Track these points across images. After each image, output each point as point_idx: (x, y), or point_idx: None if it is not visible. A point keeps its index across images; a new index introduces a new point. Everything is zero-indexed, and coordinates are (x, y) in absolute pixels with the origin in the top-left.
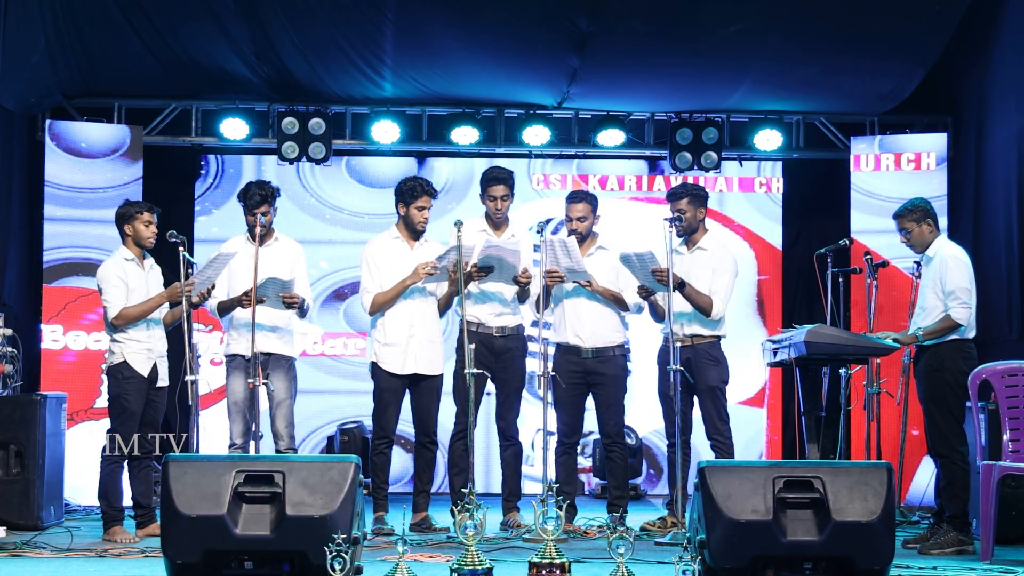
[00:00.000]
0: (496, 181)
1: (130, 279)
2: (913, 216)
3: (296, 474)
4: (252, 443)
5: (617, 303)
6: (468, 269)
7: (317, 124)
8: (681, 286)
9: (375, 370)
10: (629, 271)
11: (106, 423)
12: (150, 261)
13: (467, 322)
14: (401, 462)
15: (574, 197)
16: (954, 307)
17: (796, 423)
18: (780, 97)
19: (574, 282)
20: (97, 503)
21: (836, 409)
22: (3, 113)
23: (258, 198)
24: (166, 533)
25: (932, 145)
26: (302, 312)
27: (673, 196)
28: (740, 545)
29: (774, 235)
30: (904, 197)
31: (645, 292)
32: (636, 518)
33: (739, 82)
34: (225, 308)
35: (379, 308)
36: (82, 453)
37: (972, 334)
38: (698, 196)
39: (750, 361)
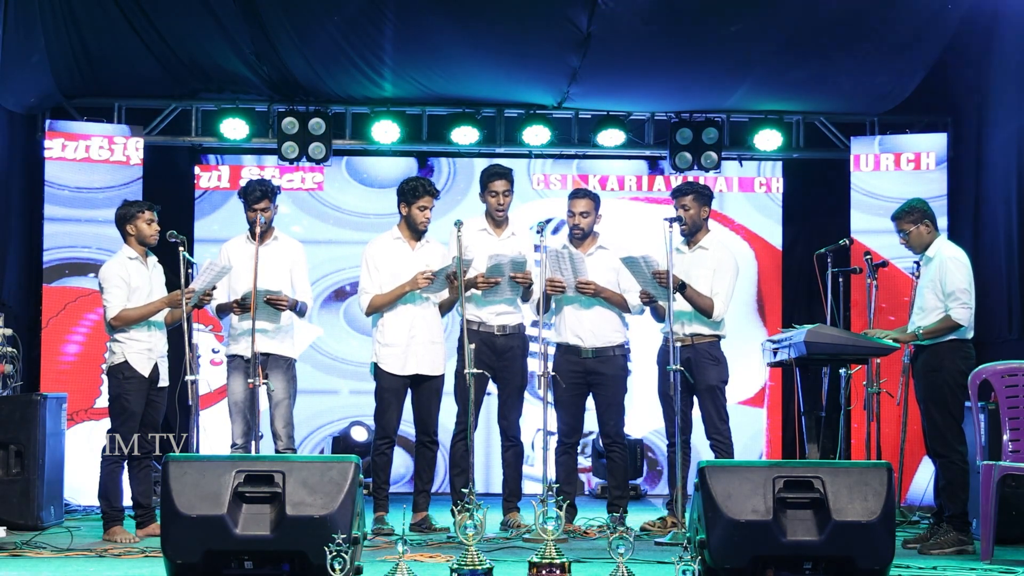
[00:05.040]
0: (497, 176)
1: (133, 278)
2: (911, 217)
3: (296, 474)
4: (253, 443)
5: (620, 306)
6: (475, 278)
7: (317, 124)
8: (682, 288)
9: (376, 370)
10: (631, 274)
11: (106, 423)
12: (153, 259)
13: (468, 321)
14: (401, 462)
15: (577, 193)
16: (954, 308)
17: (796, 423)
18: (780, 97)
19: (580, 291)
20: (97, 503)
21: (836, 409)
22: (3, 113)
23: (258, 193)
24: (166, 533)
25: (932, 145)
26: (299, 312)
27: (678, 193)
28: (740, 545)
29: (774, 235)
30: (904, 197)
31: (647, 298)
32: (636, 518)
33: (739, 82)
34: (222, 310)
35: (376, 310)
36: (82, 453)
37: (971, 334)
38: (702, 195)
39: (750, 361)
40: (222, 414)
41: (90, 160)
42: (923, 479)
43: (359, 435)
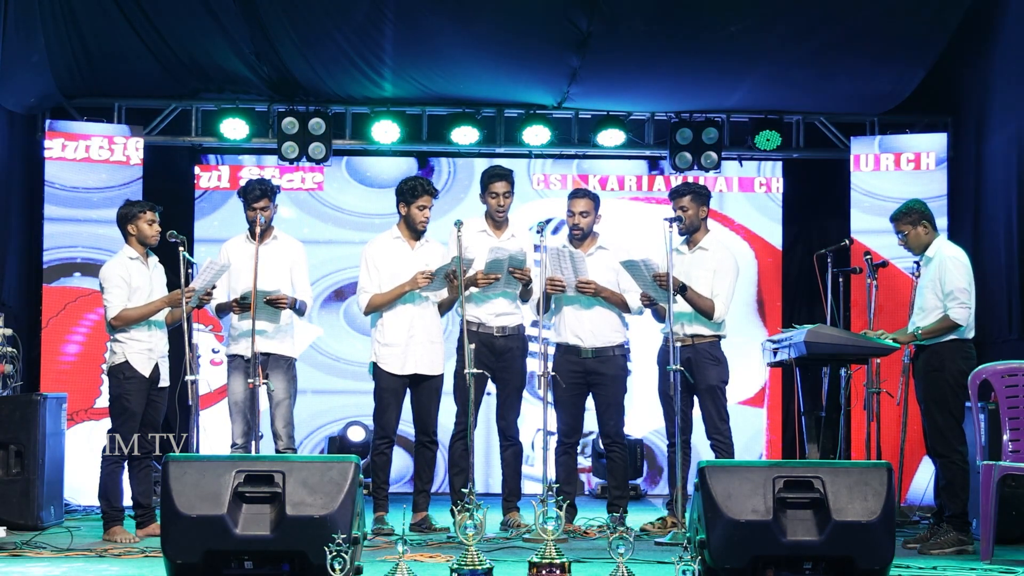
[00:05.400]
0: (498, 178)
1: (134, 278)
2: (909, 219)
3: (296, 474)
4: (253, 443)
5: (620, 306)
6: (474, 276)
7: (317, 124)
8: (683, 290)
9: (375, 370)
10: (632, 277)
11: (106, 423)
12: (154, 259)
13: (468, 322)
14: (401, 462)
15: (576, 193)
16: (953, 307)
17: (796, 423)
18: (780, 97)
19: (580, 291)
20: (97, 503)
21: (836, 409)
22: (3, 113)
23: (258, 192)
24: (166, 533)
25: (932, 145)
26: (298, 311)
27: (675, 194)
28: (740, 545)
29: (774, 235)
30: (904, 197)
31: (648, 300)
32: (636, 518)
33: (739, 82)
34: (222, 309)
35: (375, 309)
36: (82, 453)
37: (971, 334)
38: (700, 195)
39: (750, 361)
40: (222, 414)
41: (90, 160)
42: (923, 479)
43: (355, 435)
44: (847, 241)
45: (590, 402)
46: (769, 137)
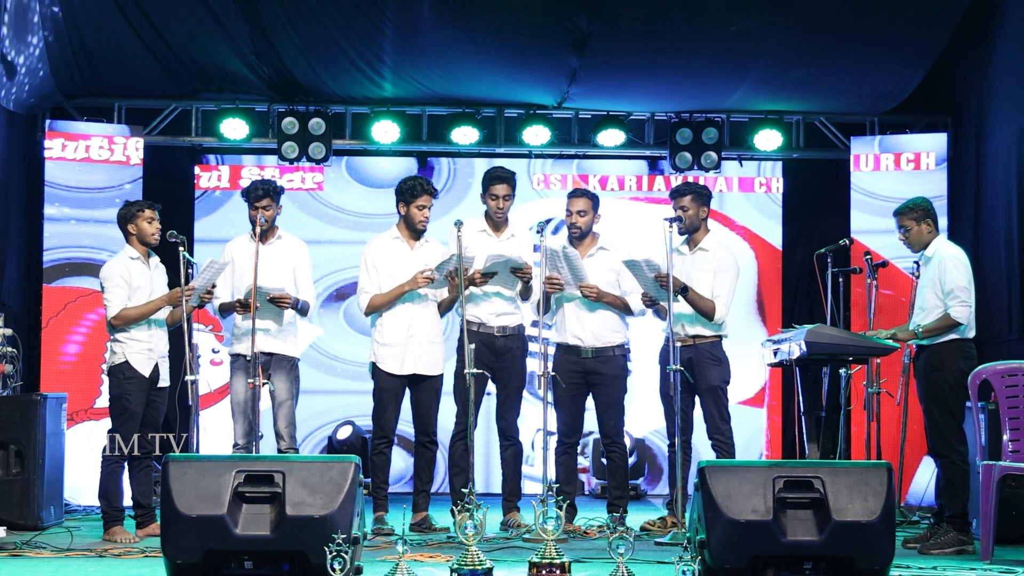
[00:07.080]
0: (499, 180)
1: (135, 278)
2: (913, 215)
3: (296, 474)
4: (254, 443)
5: (623, 309)
6: (472, 275)
7: (317, 124)
8: (684, 291)
9: (375, 370)
10: (633, 276)
11: (106, 423)
12: (155, 259)
13: (468, 322)
14: (401, 462)
15: (575, 192)
16: (954, 306)
17: (796, 423)
18: (780, 97)
19: (583, 295)
20: (97, 503)
21: (836, 409)
22: (3, 113)
23: (260, 192)
24: (166, 533)
25: (932, 145)
26: (301, 310)
27: (676, 193)
28: (740, 545)
29: (774, 235)
30: (904, 197)
31: (649, 300)
32: (636, 518)
33: (739, 82)
34: (225, 309)
35: (375, 309)
36: (82, 453)
37: (972, 334)
38: (701, 195)
39: (750, 361)
40: (222, 414)
41: (90, 160)
42: (923, 479)
43: (343, 434)
44: (847, 241)
45: (590, 402)
46: (769, 137)
